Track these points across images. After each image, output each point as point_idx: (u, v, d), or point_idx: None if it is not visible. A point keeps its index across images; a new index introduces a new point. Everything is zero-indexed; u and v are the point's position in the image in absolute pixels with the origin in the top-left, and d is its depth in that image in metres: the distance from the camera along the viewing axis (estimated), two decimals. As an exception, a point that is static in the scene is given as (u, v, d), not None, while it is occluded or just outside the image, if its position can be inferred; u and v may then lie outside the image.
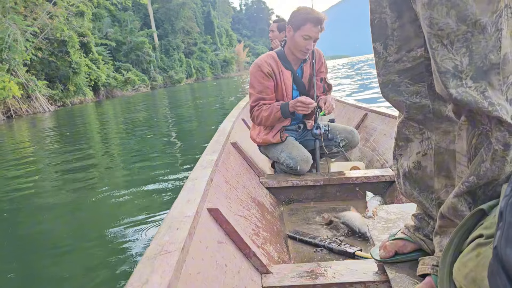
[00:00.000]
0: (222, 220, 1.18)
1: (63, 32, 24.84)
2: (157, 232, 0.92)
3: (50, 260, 2.51)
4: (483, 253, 0.76)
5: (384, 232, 1.36)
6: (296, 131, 2.47)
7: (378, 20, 1.02)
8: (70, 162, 5.99)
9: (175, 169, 4.50)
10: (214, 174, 1.47)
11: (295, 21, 2.21)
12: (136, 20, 48.95)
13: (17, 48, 20.00)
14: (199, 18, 69.52)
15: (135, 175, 4.70)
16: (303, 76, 2.37)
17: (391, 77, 1.04)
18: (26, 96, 20.92)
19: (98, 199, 3.71)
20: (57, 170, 5.54)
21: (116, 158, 6.08)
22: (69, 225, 3.20)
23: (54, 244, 2.83)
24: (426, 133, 1.06)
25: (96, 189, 4.09)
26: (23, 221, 3.44)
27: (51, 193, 4.26)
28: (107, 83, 33.24)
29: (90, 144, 7.73)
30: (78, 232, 3.01)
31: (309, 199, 2.25)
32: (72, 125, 12.63)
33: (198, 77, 61.97)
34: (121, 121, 12.22)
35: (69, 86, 26.24)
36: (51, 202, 3.82)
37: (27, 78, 21.48)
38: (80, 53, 27.91)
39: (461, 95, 0.80)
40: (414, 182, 1.10)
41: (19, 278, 2.30)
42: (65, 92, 26.01)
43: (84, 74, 27.71)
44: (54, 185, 4.61)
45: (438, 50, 0.81)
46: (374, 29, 1.04)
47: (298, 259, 1.56)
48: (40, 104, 21.95)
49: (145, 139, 7.48)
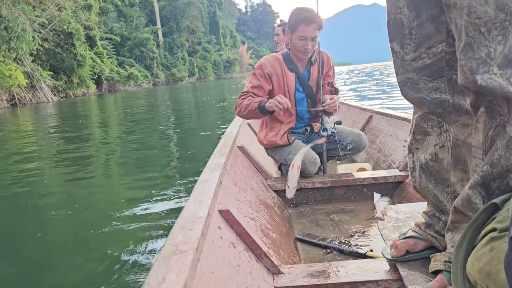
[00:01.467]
0: (233, 221, 1.18)
1: (70, 25, 25.49)
2: (171, 232, 0.93)
3: (53, 255, 2.54)
4: (497, 247, 0.76)
5: (395, 231, 1.36)
6: (303, 134, 2.48)
7: (394, 20, 1.04)
8: (71, 152, 6.15)
9: (178, 169, 4.53)
10: (223, 177, 1.48)
11: (290, 24, 2.24)
12: (142, 17, 49.36)
13: (25, 38, 20.57)
14: (204, 18, 69.97)
15: (138, 173, 4.72)
16: (310, 78, 2.38)
17: (409, 75, 1.06)
18: (31, 85, 21.38)
19: (94, 195, 3.76)
20: (60, 160, 5.63)
21: (115, 153, 6.12)
22: (73, 222, 3.24)
23: (57, 242, 2.85)
24: (445, 126, 1.07)
25: (92, 186, 4.13)
26: (25, 207, 3.48)
27: (54, 185, 4.32)
28: (110, 77, 33.64)
29: (92, 140, 7.76)
30: (84, 230, 3.03)
31: (317, 201, 2.25)
32: (76, 116, 12.88)
33: (200, 76, 62.14)
34: (123, 116, 12.31)
35: (73, 78, 26.71)
36: (53, 195, 3.87)
37: (33, 67, 22.14)
38: (85, 46, 28.33)
39: (486, 82, 0.81)
40: (430, 174, 1.11)
41: (18, 269, 2.31)
42: (69, 83, 26.48)
43: (88, 67, 28.17)
44: (56, 177, 4.66)
45: (475, 38, 0.83)
46: (390, 29, 1.06)
47: (308, 260, 1.56)
48: (44, 94, 22.42)
49: (148, 137, 7.47)
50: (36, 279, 2.23)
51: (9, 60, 19.29)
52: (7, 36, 19.83)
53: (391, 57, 1.12)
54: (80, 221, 3.07)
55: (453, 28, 0.90)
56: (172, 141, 6.67)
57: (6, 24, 19.76)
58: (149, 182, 3.94)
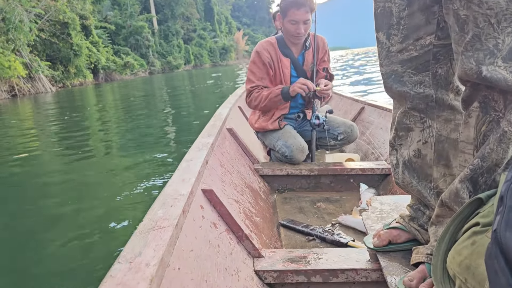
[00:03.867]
0: (216, 201, 1.17)
1: (65, 14, 25.53)
2: (151, 208, 0.91)
3: (44, 234, 2.53)
4: (478, 241, 0.75)
5: (378, 222, 1.36)
6: (296, 120, 2.46)
7: (381, 9, 1.01)
8: (71, 139, 6.22)
9: (170, 150, 4.51)
10: (209, 157, 1.45)
11: (281, 9, 2.21)
12: (136, 4, 48.85)
13: (22, 29, 20.65)
14: (199, 4, 69.21)
15: (130, 155, 4.79)
16: (305, 63, 2.35)
17: (394, 67, 1.04)
18: (29, 76, 21.47)
19: (94, 175, 3.81)
20: (58, 146, 5.69)
21: (113, 138, 6.21)
22: (62, 197, 3.28)
23: (48, 217, 2.87)
24: (428, 122, 1.05)
25: (92, 165, 4.21)
26: (24, 196, 3.47)
27: (51, 168, 4.36)
28: (106, 66, 33.64)
29: (90, 126, 7.83)
30: (70, 207, 3.06)
31: (303, 188, 2.24)
32: (76, 105, 13.05)
33: (196, 64, 61.88)
34: (120, 104, 12.41)
35: (70, 68, 26.76)
36: (50, 176, 3.91)
37: (31, 58, 22.24)
38: (81, 36, 28.23)
39: (490, 73, 0.80)
40: (414, 170, 1.10)
41: (15, 259, 2.30)
42: (66, 73, 26.45)
43: (85, 56, 28.15)
44: (54, 161, 4.72)
45: (485, 29, 0.81)
46: (377, 18, 1.03)
47: (289, 246, 1.56)
48: (43, 84, 22.53)
49: (143, 122, 7.58)
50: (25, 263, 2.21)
51: (7, 51, 19.32)
52: (4, 28, 19.80)
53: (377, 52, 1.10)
54: (74, 205, 3.04)
55: (450, 19, 0.88)
56: (168, 127, 6.70)
57: (3, 15, 19.73)
58: (142, 165, 3.94)
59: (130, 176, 3.69)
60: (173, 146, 5.15)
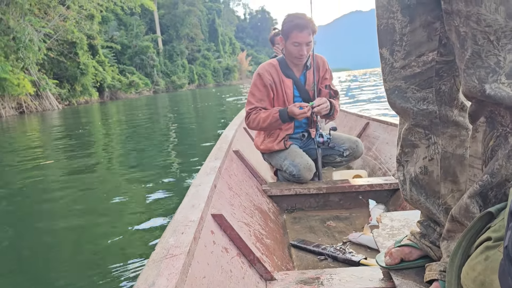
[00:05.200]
0: (226, 226, 1.17)
1: (73, 34, 26.55)
2: (162, 236, 0.91)
3: (50, 261, 2.54)
4: (491, 256, 0.75)
5: (389, 239, 1.35)
6: (300, 139, 2.47)
7: (385, 25, 1.02)
8: (76, 156, 6.34)
9: (176, 173, 4.53)
10: (217, 181, 1.46)
11: (284, 31, 2.25)
12: (142, 25, 50.09)
13: (32, 48, 21.54)
14: (203, 26, 70.57)
15: (135, 173, 4.82)
16: (307, 83, 2.38)
17: (398, 83, 1.04)
18: (36, 94, 22.31)
19: (101, 199, 3.79)
20: (63, 166, 5.73)
21: (118, 156, 6.28)
22: (66, 213, 3.33)
23: (51, 232, 2.90)
24: (433, 138, 1.06)
25: (98, 190, 4.18)
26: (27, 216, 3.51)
27: (56, 189, 4.37)
28: (112, 85, 34.57)
29: (95, 145, 7.94)
30: (74, 222, 3.09)
31: (312, 207, 2.24)
32: (82, 122, 13.41)
33: (200, 84, 62.76)
34: (125, 122, 12.66)
35: (76, 86, 27.73)
36: (55, 200, 3.91)
37: (39, 76, 23.34)
38: (88, 55, 29.06)
39: (494, 91, 0.80)
40: (421, 187, 1.10)
41: (19, 273, 2.32)
42: (72, 91, 27.38)
43: (91, 75, 29.10)
44: (59, 181, 4.74)
45: (484, 46, 0.81)
46: (381, 34, 1.04)
47: (302, 267, 1.55)
48: (50, 102, 23.40)
49: (148, 142, 7.62)
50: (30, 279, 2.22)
51: (17, 69, 20.20)
52: (15, 46, 20.67)
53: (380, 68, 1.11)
54: (77, 225, 3.06)
55: (452, 36, 0.89)
56: (172, 147, 6.72)
57: (14, 34, 20.62)
58: (147, 187, 3.94)
59: (134, 194, 3.71)
60: (176, 165, 5.19)
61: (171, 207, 3.08)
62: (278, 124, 2.27)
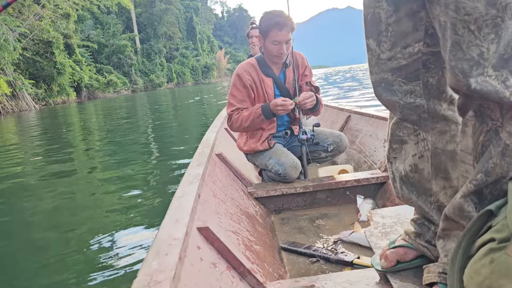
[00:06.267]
0: (213, 238, 1.11)
1: (49, 34, 26.18)
2: (145, 259, 0.84)
3: (22, 258, 2.45)
4: (497, 259, 0.71)
5: (383, 237, 1.31)
6: (284, 137, 2.42)
7: (371, 15, 0.97)
8: (53, 157, 6.24)
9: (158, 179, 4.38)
10: (201, 189, 1.40)
11: (262, 30, 2.19)
12: (119, 24, 49.62)
13: (7, 48, 21.22)
14: (181, 24, 70.09)
15: (113, 175, 4.70)
16: (286, 81, 2.33)
17: (384, 75, 0.99)
18: (12, 94, 22.03)
19: (76, 194, 3.73)
20: (36, 171, 5.53)
21: (96, 157, 6.15)
22: (43, 218, 3.22)
23: (27, 240, 2.79)
24: (422, 134, 1.01)
25: (74, 185, 4.13)
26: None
27: (32, 195, 4.22)
28: (89, 85, 34.51)
29: (72, 148, 7.69)
30: (51, 228, 2.99)
31: (300, 206, 2.19)
32: (59, 123, 13.17)
33: (179, 82, 62.54)
34: (103, 122, 12.48)
35: (53, 86, 27.55)
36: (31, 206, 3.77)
37: (15, 77, 23.06)
38: (64, 54, 28.77)
39: (480, 85, 0.74)
40: (412, 185, 1.06)
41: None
42: (49, 91, 27.07)
43: (68, 75, 28.92)
44: (32, 187, 4.58)
45: (465, 36, 0.76)
46: (367, 25, 0.99)
47: (294, 272, 1.50)
48: (27, 102, 23.11)
49: (128, 145, 7.41)
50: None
51: None
52: None
53: (367, 59, 1.06)
54: (42, 242, 2.87)
55: (436, 26, 0.84)
56: (153, 150, 6.55)
57: None
58: (128, 196, 3.76)
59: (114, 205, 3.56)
60: (157, 164, 5.10)
61: (155, 219, 2.93)
62: (261, 120, 2.21)
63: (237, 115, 2.24)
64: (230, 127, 2.32)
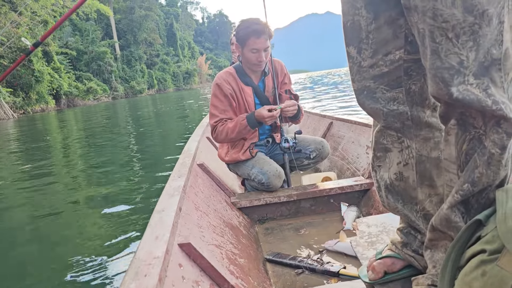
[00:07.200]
0: (196, 255, 1.06)
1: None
2: (123, 281, 0.79)
3: None
4: (489, 271, 0.69)
5: (369, 247, 1.29)
6: (265, 145, 2.39)
7: (351, 22, 0.95)
8: (31, 167, 6.13)
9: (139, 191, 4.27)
10: (182, 202, 1.35)
11: (239, 38, 2.15)
12: (98, 30, 49.16)
13: None
14: (161, 30, 69.82)
15: (94, 184, 4.61)
16: (266, 89, 2.30)
17: (366, 83, 0.98)
18: None
19: (55, 205, 3.59)
20: (19, 175, 5.44)
21: (76, 167, 6.02)
22: (23, 232, 3.10)
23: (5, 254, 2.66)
24: (406, 142, 1.00)
25: (54, 196, 4.02)
26: None
27: (8, 208, 4.07)
28: (68, 92, 34.15)
29: (50, 158, 7.50)
30: (31, 242, 2.89)
31: (284, 216, 2.16)
32: (37, 132, 12.92)
33: (160, 88, 62.34)
34: (83, 131, 12.29)
35: (31, 94, 27.26)
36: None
37: None
38: (42, 62, 28.32)
39: (462, 94, 0.73)
40: (397, 194, 1.04)
41: None
42: (27, 100, 26.67)
43: (47, 82, 28.54)
44: (14, 192, 4.47)
45: (443, 44, 0.74)
46: (347, 32, 0.97)
47: (280, 284, 1.46)
48: (4, 111, 22.72)
49: (107, 154, 7.28)
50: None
51: None
52: None
53: (347, 63, 1.04)
54: (19, 257, 2.75)
55: (415, 33, 0.83)
56: (133, 160, 6.42)
57: None
58: (107, 212, 3.59)
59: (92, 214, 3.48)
60: (138, 175, 4.99)
61: (135, 235, 2.82)
62: (247, 131, 2.18)
63: (222, 126, 2.20)
64: (215, 139, 2.28)
